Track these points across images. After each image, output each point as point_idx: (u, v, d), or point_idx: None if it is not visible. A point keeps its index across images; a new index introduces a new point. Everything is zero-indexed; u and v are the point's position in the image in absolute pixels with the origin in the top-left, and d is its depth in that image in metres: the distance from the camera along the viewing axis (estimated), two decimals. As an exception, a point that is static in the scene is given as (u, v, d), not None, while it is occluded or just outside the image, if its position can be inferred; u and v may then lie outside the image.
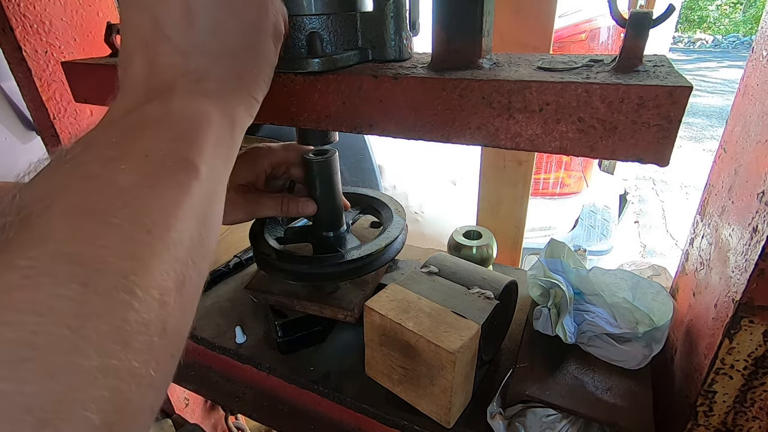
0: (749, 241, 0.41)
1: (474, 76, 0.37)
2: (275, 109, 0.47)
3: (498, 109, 0.36)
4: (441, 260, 0.66)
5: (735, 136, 0.50)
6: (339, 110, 0.43)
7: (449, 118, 0.38)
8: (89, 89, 0.65)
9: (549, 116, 0.35)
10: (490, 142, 0.38)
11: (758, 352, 0.42)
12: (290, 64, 0.43)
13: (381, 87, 0.40)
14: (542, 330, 0.63)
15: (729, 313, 0.43)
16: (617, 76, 0.34)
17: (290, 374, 0.66)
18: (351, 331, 0.72)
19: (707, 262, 0.52)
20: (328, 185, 0.63)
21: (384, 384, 0.61)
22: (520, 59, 0.43)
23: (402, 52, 0.46)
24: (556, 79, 0.34)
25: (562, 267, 0.63)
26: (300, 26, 0.44)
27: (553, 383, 0.55)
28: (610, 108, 0.32)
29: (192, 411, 1.16)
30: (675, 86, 0.30)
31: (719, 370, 0.45)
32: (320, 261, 0.61)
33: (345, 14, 0.45)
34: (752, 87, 0.47)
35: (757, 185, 0.41)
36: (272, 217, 0.71)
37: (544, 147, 0.36)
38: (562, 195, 1.88)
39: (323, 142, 0.60)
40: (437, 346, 0.50)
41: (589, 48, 1.61)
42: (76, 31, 0.78)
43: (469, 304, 0.57)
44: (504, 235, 0.91)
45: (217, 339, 0.73)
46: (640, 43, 0.35)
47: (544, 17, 0.71)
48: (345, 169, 1.56)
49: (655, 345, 0.56)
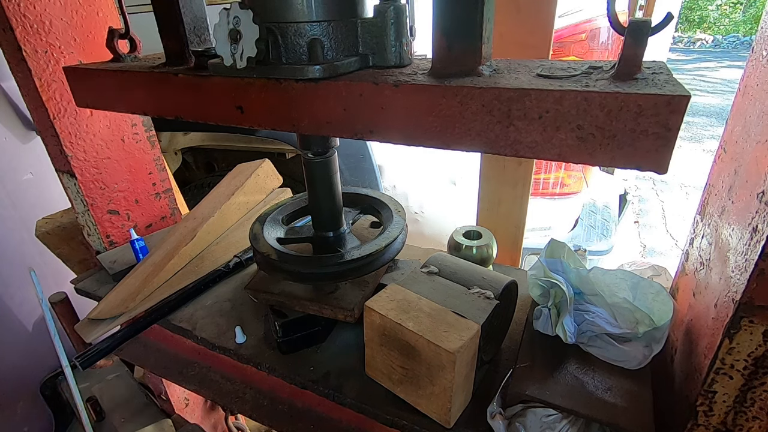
0: (749, 241, 0.41)
1: (474, 83, 0.37)
2: (276, 115, 0.47)
3: (498, 116, 0.36)
4: (441, 260, 0.66)
5: (735, 136, 0.50)
6: (340, 116, 0.43)
7: (449, 125, 0.38)
8: (91, 94, 0.65)
9: (548, 124, 0.35)
10: (489, 149, 0.38)
11: (758, 352, 0.42)
12: (291, 72, 0.43)
13: (382, 94, 0.40)
14: (542, 330, 0.63)
15: (729, 313, 0.43)
16: (616, 84, 0.34)
17: (290, 374, 0.66)
18: (351, 331, 0.72)
19: (707, 262, 0.52)
20: (327, 185, 0.63)
21: (384, 384, 0.61)
22: (520, 65, 0.43)
23: (402, 58, 0.46)
24: (555, 87, 0.34)
25: (562, 267, 0.63)
26: (301, 33, 0.44)
27: (553, 383, 0.55)
28: (609, 116, 0.32)
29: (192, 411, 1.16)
30: (673, 95, 0.30)
31: (719, 370, 0.45)
32: (320, 261, 0.61)
33: (346, 21, 0.45)
34: (752, 87, 0.47)
35: (757, 185, 0.41)
36: (273, 217, 0.71)
37: (543, 154, 0.36)
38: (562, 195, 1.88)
39: (324, 146, 0.60)
40: (437, 346, 0.50)
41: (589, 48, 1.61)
42: (76, 31, 0.78)
43: (469, 304, 0.57)
44: (504, 235, 0.91)
45: (217, 339, 0.73)
46: (638, 51, 0.35)
47: (544, 17, 0.71)
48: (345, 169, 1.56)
49: (655, 345, 0.56)
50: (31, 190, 1.44)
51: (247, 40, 0.42)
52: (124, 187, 0.94)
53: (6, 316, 1.39)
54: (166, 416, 1.11)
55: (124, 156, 0.92)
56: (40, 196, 1.45)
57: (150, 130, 0.96)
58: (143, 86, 0.56)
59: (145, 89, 0.56)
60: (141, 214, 0.98)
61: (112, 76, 0.59)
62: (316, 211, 0.69)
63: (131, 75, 0.57)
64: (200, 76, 0.50)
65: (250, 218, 0.92)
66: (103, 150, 0.88)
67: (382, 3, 0.44)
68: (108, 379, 1.22)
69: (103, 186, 0.90)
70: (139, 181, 0.96)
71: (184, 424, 1.07)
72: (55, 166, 0.87)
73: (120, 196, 0.93)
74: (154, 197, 1.00)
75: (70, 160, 0.83)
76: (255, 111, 0.48)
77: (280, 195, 1.19)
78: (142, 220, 0.99)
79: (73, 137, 0.83)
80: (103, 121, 0.87)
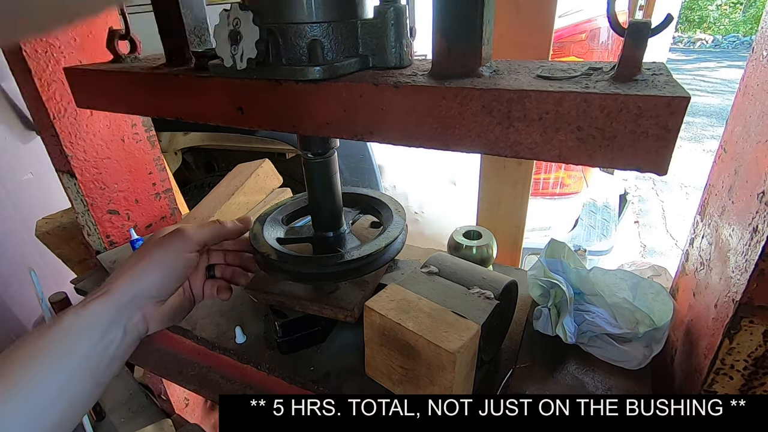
0: (749, 241, 0.41)
1: (474, 84, 0.37)
2: (276, 116, 0.47)
3: (498, 117, 0.36)
4: (441, 260, 0.66)
5: (735, 136, 0.50)
6: (340, 118, 0.43)
7: (449, 126, 0.38)
8: (92, 95, 0.65)
9: (548, 125, 0.35)
10: (489, 150, 0.38)
11: (758, 352, 0.42)
12: (291, 73, 0.43)
13: (382, 95, 0.40)
14: (542, 330, 0.63)
15: (729, 313, 0.43)
16: (616, 86, 0.34)
17: (290, 374, 0.66)
18: (351, 331, 0.72)
19: (707, 262, 0.53)
20: (327, 185, 0.63)
21: (384, 384, 0.61)
22: (520, 66, 0.43)
23: (402, 59, 0.46)
24: (555, 88, 0.34)
25: (562, 267, 0.63)
26: (301, 34, 0.44)
27: (553, 383, 0.55)
28: (608, 117, 0.32)
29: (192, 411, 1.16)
30: (673, 96, 0.30)
31: (719, 370, 0.45)
32: (320, 261, 0.61)
33: (346, 22, 0.45)
34: (752, 87, 0.47)
35: (757, 185, 0.41)
36: (273, 217, 0.71)
37: (543, 155, 0.36)
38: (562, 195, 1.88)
39: (324, 147, 0.60)
40: (437, 346, 0.50)
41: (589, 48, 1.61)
42: (76, 31, 0.78)
43: (469, 304, 0.57)
44: (504, 235, 0.91)
45: (217, 339, 0.73)
46: (638, 52, 0.35)
47: (544, 17, 0.71)
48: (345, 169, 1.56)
49: (655, 345, 0.56)
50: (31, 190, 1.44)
51: (247, 42, 0.42)
52: (124, 187, 0.94)
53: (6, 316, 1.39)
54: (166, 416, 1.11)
55: (124, 156, 0.92)
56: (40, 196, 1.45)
57: (150, 130, 0.96)
58: (144, 87, 0.56)
59: (145, 90, 0.56)
60: (141, 214, 0.98)
61: (113, 77, 0.59)
62: (316, 211, 0.69)
63: (132, 76, 0.57)
64: (201, 78, 0.50)
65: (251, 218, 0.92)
66: (103, 150, 0.88)
67: (382, 4, 0.44)
68: (108, 379, 1.23)
69: (103, 186, 0.90)
70: (139, 181, 0.96)
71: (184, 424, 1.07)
72: (55, 166, 0.87)
73: (120, 196, 0.93)
74: (154, 197, 1.00)
75: (70, 160, 0.83)
76: (255, 112, 0.48)
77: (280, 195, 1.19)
78: (142, 220, 0.99)
79: (73, 137, 0.83)
80: (103, 121, 0.87)
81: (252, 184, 1.15)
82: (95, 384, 0.46)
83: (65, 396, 0.43)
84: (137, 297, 0.49)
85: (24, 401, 0.40)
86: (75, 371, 0.44)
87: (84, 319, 0.45)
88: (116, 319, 0.47)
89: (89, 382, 0.45)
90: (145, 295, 0.49)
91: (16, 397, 0.40)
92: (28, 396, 0.41)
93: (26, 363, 0.42)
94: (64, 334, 0.44)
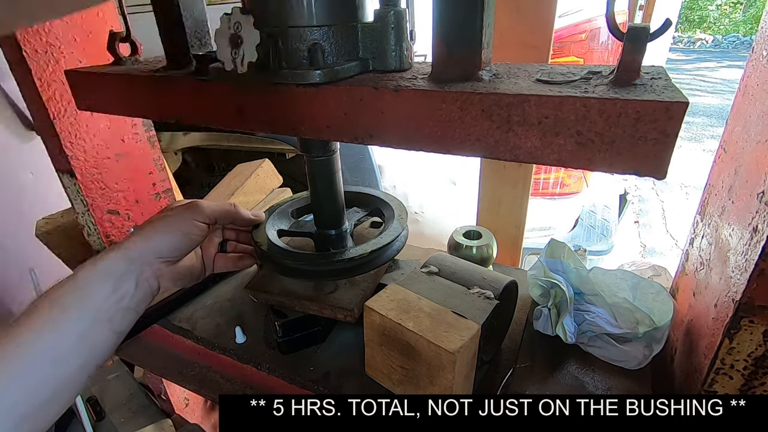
0: (749, 241, 0.41)
1: (474, 88, 0.37)
2: (277, 120, 0.47)
3: (497, 121, 0.36)
4: (441, 260, 0.66)
5: (735, 136, 0.50)
6: (340, 121, 0.43)
7: (449, 130, 0.38)
8: (92, 97, 0.65)
9: (548, 129, 0.35)
10: (489, 154, 0.38)
11: (758, 352, 0.43)
12: (292, 76, 0.43)
13: (382, 98, 0.40)
14: (542, 330, 0.63)
15: (729, 313, 0.43)
16: (615, 90, 0.34)
17: (290, 374, 0.66)
18: (351, 331, 0.72)
19: (707, 262, 0.53)
20: (329, 184, 0.64)
21: (384, 384, 0.61)
22: (519, 70, 0.43)
23: (402, 62, 0.46)
24: (554, 93, 0.34)
25: (562, 267, 0.64)
26: (302, 38, 0.44)
27: (553, 383, 0.56)
28: (607, 122, 0.33)
29: (192, 411, 1.16)
30: (672, 102, 0.30)
31: (719, 370, 0.45)
32: (321, 258, 0.62)
33: (346, 25, 0.45)
34: (752, 87, 0.47)
35: (757, 185, 0.41)
36: (283, 210, 0.72)
37: (542, 159, 0.36)
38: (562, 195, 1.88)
39: (324, 149, 0.60)
40: (437, 346, 0.50)
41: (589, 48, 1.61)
42: (76, 31, 0.78)
43: (469, 304, 0.57)
44: (504, 235, 0.91)
45: (217, 339, 0.73)
46: (637, 57, 0.35)
47: (544, 17, 0.71)
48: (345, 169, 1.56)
49: (655, 345, 0.57)
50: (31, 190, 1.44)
51: (247, 45, 0.42)
52: (124, 187, 0.94)
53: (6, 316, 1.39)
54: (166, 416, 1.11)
55: (124, 156, 0.92)
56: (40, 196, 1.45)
57: (150, 130, 0.96)
58: (144, 90, 0.56)
59: (146, 93, 0.56)
60: (141, 214, 0.98)
61: (113, 80, 0.59)
62: (317, 209, 0.69)
63: (132, 78, 0.57)
64: (201, 81, 0.50)
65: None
66: (103, 150, 0.88)
67: (382, 7, 0.44)
68: (108, 379, 1.22)
69: (103, 186, 0.90)
70: (139, 181, 0.96)
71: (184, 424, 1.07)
72: (55, 166, 0.87)
73: (120, 196, 0.93)
74: (154, 197, 1.00)
75: (70, 160, 0.83)
76: (256, 115, 0.48)
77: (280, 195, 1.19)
78: (142, 220, 0.99)
79: (73, 137, 0.83)
80: (103, 121, 0.87)
81: (252, 184, 1.15)
82: (112, 332, 0.50)
83: (85, 342, 0.47)
84: (147, 253, 0.53)
85: (47, 348, 0.45)
86: (92, 320, 0.48)
87: (97, 270, 0.49)
88: (128, 271, 0.51)
89: (107, 330, 0.49)
90: (155, 254, 0.53)
91: (39, 342, 0.44)
92: (52, 341, 0.45)
93: (45, 313, 0.46)
94: (80, 285, 0.49)
